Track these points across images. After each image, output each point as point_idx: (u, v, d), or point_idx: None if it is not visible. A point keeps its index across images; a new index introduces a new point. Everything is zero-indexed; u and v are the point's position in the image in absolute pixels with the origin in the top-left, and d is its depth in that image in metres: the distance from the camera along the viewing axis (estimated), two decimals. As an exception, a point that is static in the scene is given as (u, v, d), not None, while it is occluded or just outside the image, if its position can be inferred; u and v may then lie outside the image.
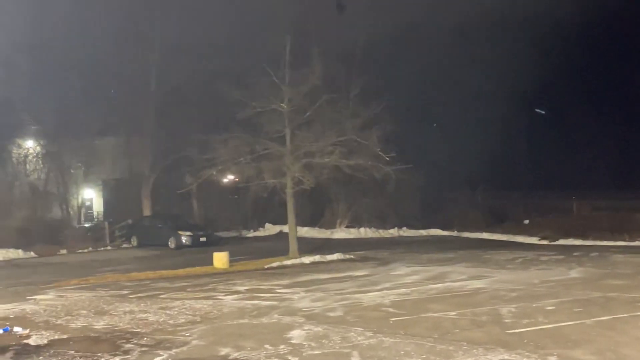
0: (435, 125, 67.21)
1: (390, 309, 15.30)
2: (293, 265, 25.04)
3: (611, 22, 62.26)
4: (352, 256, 26.91)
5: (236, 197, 40.16)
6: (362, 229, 38.20)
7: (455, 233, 36.24)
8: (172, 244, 33.95)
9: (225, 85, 26.02)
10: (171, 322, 14.52)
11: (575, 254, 25.37)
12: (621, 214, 31.86)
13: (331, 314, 14.99)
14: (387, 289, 18.44)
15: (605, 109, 57.97)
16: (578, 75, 62.03)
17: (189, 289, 19.51)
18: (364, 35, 32.39)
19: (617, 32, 61.09)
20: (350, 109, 27.98)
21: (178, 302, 17.02)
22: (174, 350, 11.94)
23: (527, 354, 10.90)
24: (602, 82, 61.32)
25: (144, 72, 37.83)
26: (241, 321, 14.51)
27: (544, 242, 30.61)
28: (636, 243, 27.75)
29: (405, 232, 37.90)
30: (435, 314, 14.49)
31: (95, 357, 11.60)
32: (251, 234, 40.69)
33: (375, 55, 40.43)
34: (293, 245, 26.99)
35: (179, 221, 36.24)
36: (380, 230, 37.94)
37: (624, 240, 28.46)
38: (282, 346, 11.97)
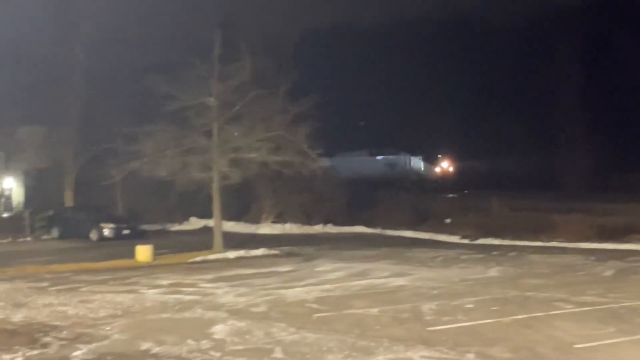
0: (362, 123, 67.81)
1: (314, 305, 15.34)
2: (217, 260, 24.88)
3: (519, 25, 64.02)
4: (277, 252, 26.89)
5: (161, 190, 39.67)
6: (287, 225, 38.21)
7: (379, 231, 36.53)
8: (94, 236, 33.34)
9: (153, 77, 25.66)
10: (91, 315, 14.26)
11: (494, 253, 25.85)
12: (538, 215, 32.61)
13: (255, 309, 14.94)
14: (311, 285, 18.48)
15: (525, 114, 59.38)
16: (499, 80, 63.50)
17: (110, 282, 19.20)
18: (295, 31, 32.45)
19: (537, 37, 62.61)
20: (279, 105, 27.87)
21: (99, 296, 16.73)
22: (94, 345, 11.73)
23: (446, 351, 11.07)
24: (522, 86, 62.86)
25: (70, 61, 37.02)
26: (163, 315, 14.35)
27: (465, 241, 31.12)
28: (552, 244, 28.40)
29: (331, 228, 38.03)
30: (358, 311, 14.59)
31: (13, 351, 11.31)
32: (176, 227, 40.27)
33: (307, 52, 40.53)
34: (218, 240, 26.82)
35: (102, 213, 35.58)
36: (306, 227, 38.00)
37: (541, 240, 29.10)
38: (204, 341, 11.88)
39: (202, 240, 28.62)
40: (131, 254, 24.85)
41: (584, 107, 55.91)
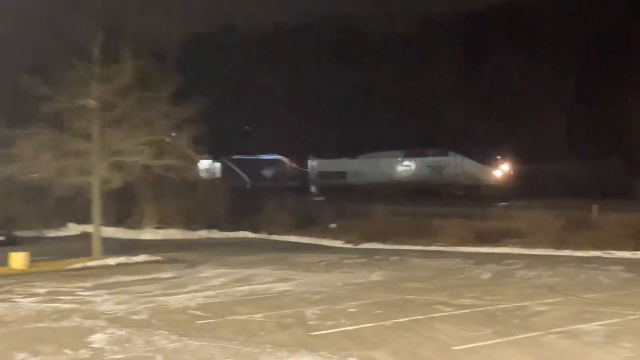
0: (247, 127, 67.59)
1: (197, 312, 15.19)
2: (97, 267, 24.25)
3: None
4: (159, 258, 26.44)
5: (38, 194, 38.34)
6: (170, 230, 37.63)
7: (264, 236, 36.46)
8: (-36, 242, 31.88)
9: (30, 78, 24.80)
10: (-38, 326, 13.67)
11: (377, 257, 26.20)
12: (419, 220, 33.30)
13: (135, 317, 14.67)
14: (194, 291, 18.28)
15: (405, 124, 60.00)
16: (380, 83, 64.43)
17: (-18, 291, 18.44)
18: (179, 35, 32.12)
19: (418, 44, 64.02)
20: (163, 108, 27.45)
21: (-30, 305, 16.05)
22: (-36, 357, 11.24)
23: (329, 355, 11.17)
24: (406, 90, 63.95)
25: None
26: (40, 325, 13.90)
27: (349, 245, 31.42)
28: (432, 248, 29.02)
29: (215, 234, 37.70)
30: (242, 317, 14.54)
31: None
32: (53, 233, 38.98)
33: (190, 56, 40.07)
34: (97, 246, 26.14)
35: (-27, 219, 34.07)
36: (189, 232, 37.53)
37: (422, 245, 29.67)
38: (82, 350, 11.58)
39: (81, 246, 27.82)
40: (4, 262, 23.91)
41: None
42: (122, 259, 25.56)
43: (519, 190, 44.36)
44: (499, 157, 49.70)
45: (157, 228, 37.91)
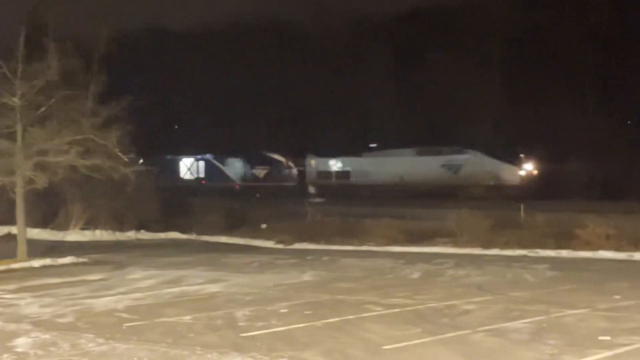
0: (176, 127, 67.10)
1: (124, 315, 14.98)
2: (21, 269, 23.70)
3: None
4: (86, 259, 26.01)
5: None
6: (97, 231, 37.01)
7: (194, 236, 36.21)
8: None
9: None
10: None
11: (308, 257, 26.27)
12: (350, 220, 33.47)
13: (61, 320, 14.39)
14: (121, 293, 18.03)
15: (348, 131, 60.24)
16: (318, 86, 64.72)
17: None
18: (106, 33, 31.60)
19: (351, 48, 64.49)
20: (89, 107, 26.97)
21: None
22: None
23: (259, 356, 11.14)
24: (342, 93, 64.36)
25: None
26: (-40, 330, 13.51)
27: (280, 245, 31.41)
28: (364, 247, 29.22)
29: (144, 234, 37.25)
30: (170, 319, 14.39)
31: None
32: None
33: (119, 55, 39.46)
34: (22, 248, 25.51)
35: None
36: (117, 233, 36.98)
37: (353, 244, 29.87)
38: (5, 355, 11.29)
39: (4, 248, 27.12)
40: None
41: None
42: (48, 261, 25.05)
43: (542, 190, 42.32)
44: (522, 155, 46.65)
45: (84, 229, 37.20)
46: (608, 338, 12.08)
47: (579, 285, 18.62)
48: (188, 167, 57.65)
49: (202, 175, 56.52)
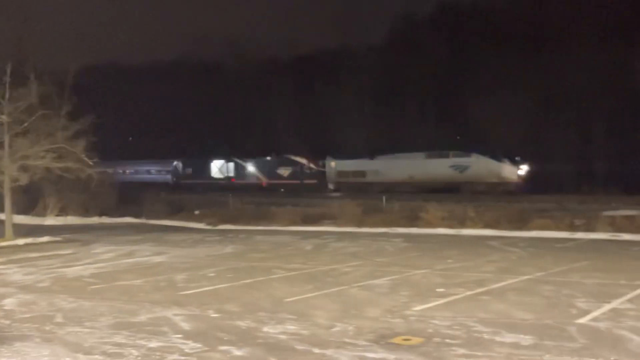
0: (130, 138, 65.33)
1: (90, 280, 14.54)
2: (8, 247, 22.56)
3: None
4: (59, 238, 24.99)
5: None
6: (69, 217, 35.67)
7: (144, 220, 35.33)
8: None
9: None
10: None
11: (229, 235, 26.06)
12: (262, 208, 33.43)
13: (40, 285, 13.85)
14: (87, 264, 17.47)
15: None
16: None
17: None
18: (74, 66, 30.68)
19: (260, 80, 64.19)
20: (61, 123, 26.12)
21: None
22: None
23: (193, 309, 11.05)
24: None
25: None
26: (-42, 294, 12.80)
27: (209, 227, 31.02)
28: (271, 227, 29.21)
29: (105, 220, 36.02)
30: (126, 282, 14.07)
31: None
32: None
33: (84, 81, 38.31)
34: (9, 230, 24.36)
35: None
36: (85, 218, 35.71)
37: (263, 225, 29.80)
38: (-5, 313, 10.80)
39: (-5, 230, 25.80)
40: None
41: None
42: (29, 240, 23.96)
43: (533, 187, 39.13)
44: (518, 157, 43.03)
45: (58, 215, 35.83)
46: (443, 290, 12.51)
47: (423, 253, 19.14)
48: (218, 167, 52.75)
49: (231, 174, 51.84)
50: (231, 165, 52.01)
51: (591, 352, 7.92)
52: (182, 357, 8.13)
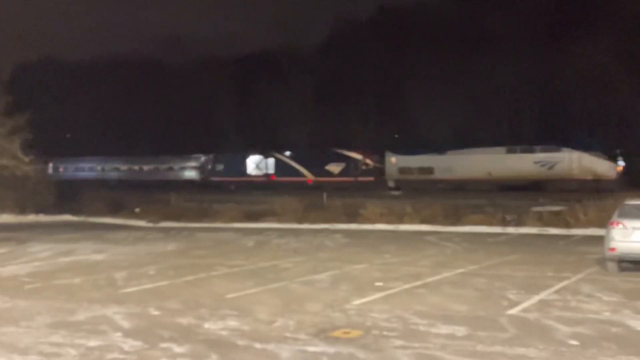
0: (68, 135, 63.27)
1: (26, 279, 13.98)
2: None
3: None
4: (-6, 237, 24.01)
5: None
6: (4, 215, 34.25)
7: (84, 218, 34.32)
8: None
9: None
10: None
11: (171, 233, 25.65)
12: (204, 205, 33.05)
13: (-27, 286, 13.21)
14: (23, 262, 16.80)
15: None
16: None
17: None
18: (10, 62, 29.49)
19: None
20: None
21: None
22: None
23: (133, 307, 10.79)
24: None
25: None
26: None
27: (150, 224, 30.44)
28: (214, 225, 28.94)
29: (43, 217, 34.79)
30: (64, 281, 13.61)
31: None
32: None
33: (22, 78, 36.88)
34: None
35: None
36: (21, 216, 34.35)
37: (205, 223, 29.48)
38: None
39: None
40: None
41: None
42: (-38, 239, 22.92)
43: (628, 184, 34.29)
44: (617, 150, 38.27)
45: (-6, 214, 34.40)
46: (381, 284, 12.66)
47: (363, 248, 19.29)
48: (256, 163, 46.74)
49: (270, 171, 45.84)
50: (270, 161, 45.95)
51: (521, 342, 8.16)
52: (122, 356, 7.93)
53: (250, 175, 46.59)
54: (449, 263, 15.54)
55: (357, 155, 43.37)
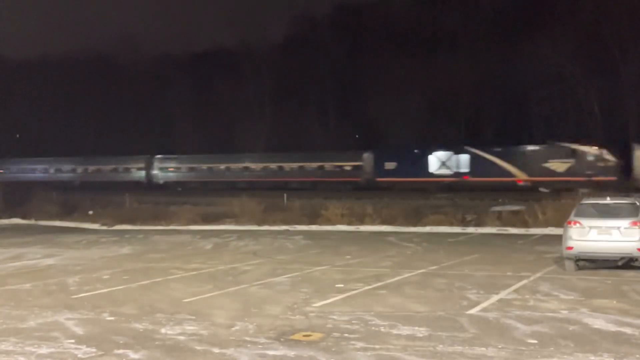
0: (18, 136, 61.72)
1: (-28, 286, 13.57)
2: None
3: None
4: (-63, 242, 23.19)
5: None
6: (-53, 219, 33.22)
7: (33, 222, 33.48)
8: None
9: None
10: None
11: (126, 236, 25.26)
12: (160, 207, 32.65)
13: None
14: (-31, 269, 16.30)
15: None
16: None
17: None
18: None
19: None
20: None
21: None
22: None
23: (86, 312, 10.59)
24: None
25: None
26: None
27: (104, 227, 29.92)
28: (170, 227, 28.63)
29: (-12, 221, 33.88)
30: (13, 287, 13.26)
31: None
32: None
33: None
34: None
35: None
36: (-35, 221, 33.37)
37: (162, 225, 29.13)
38: None
39: None
40: None
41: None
42: None
43: None
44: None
45: None
46: (342, 285, 12.73)
47: (323, 249, 19.39)
48: (443, 160, 39.30)
49: (464, 170, 38.52)
50: (464, 157, 38.63)
51: (481, 342, 8.33)
52: (75, 364, 7.77)
53: (434, 175, 39.40)
54: (410, 264, 15.72)
55: (591, 149, 35.67)
